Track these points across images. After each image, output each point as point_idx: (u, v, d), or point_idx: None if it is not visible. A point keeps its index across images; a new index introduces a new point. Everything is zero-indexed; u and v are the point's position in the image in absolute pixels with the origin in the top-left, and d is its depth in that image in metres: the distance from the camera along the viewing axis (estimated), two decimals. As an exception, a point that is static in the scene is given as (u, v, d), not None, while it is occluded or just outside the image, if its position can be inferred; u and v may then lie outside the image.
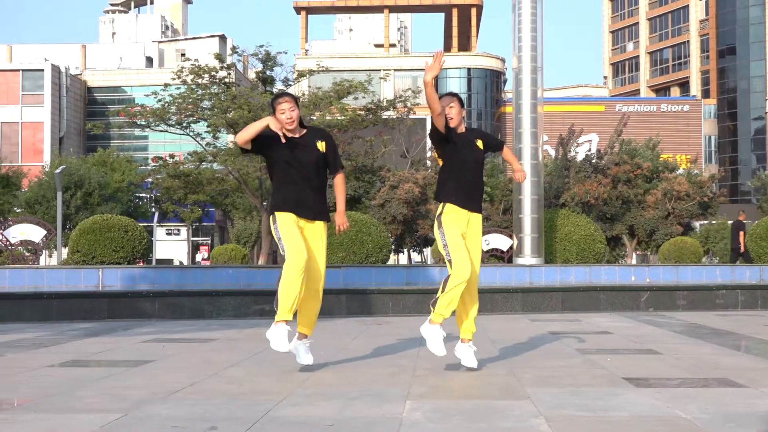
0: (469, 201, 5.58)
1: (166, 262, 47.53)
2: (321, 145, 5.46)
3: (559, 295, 11.28)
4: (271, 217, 5.44)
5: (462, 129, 5.67)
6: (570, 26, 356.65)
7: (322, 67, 24.52)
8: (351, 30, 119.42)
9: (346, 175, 25.63)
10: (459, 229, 5.51)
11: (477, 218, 5.64)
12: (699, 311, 11.17)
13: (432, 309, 5.45)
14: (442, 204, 5.58)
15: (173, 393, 4.57)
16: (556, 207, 22.32)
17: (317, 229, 5.48)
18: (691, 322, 9.47)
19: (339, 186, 5.65)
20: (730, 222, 29.76)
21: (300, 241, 5.29)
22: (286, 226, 5.33)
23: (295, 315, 5.45)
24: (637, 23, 74.10)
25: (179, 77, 23.33)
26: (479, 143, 5.68)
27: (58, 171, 26.71)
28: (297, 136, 5.44)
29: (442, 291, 5.40)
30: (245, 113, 21.43)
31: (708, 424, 3.71)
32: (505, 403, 4.28)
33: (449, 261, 5.42)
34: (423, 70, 42.18)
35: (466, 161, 5.58)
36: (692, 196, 25.76)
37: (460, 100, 5.67)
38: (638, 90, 73.04)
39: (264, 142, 5.39)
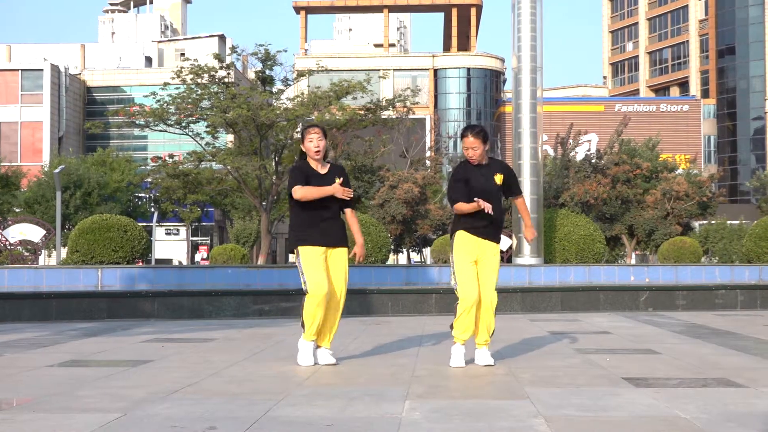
0: (483, 230, 5.69)
1: (166, 262, 47.36)
2: (338, 182, 5.76)
3: (559, 295, 11.28)
4: (295, 251, 5.76)
5: (485, 161, 5.75)
6: (569, 26, 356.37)
7: (322, 66, 24.47)
8: (350, 30, 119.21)
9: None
10: (470, 256, 5.67)
11: (491, 247, 5.74)
12: (698, 311, 11.16)
13: (452, 331, 5.73)
14: (455, 234, 5.77)
15: (172, 393, 4.57)
16: (556, 207, 22.31)
17: (340, 255, 5.81)
18: (691, 321, 9.47)
19: (353, 220, 5.92)
20: (730, 222, 29.71)
21: (321, 274, 5.64)
22: (309, 260, 5.67)
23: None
24: (637, 23, 73.98)
25: (179, 77, 23.27)
26: (498, 177, 5.75)
27: (57, 171, 26.61)
28: (322, 172, 5.78)
29: (456, 317, 5.70)
30: (244, 112, 21.36)
31: (707, 423, 3.71)
32: (504, 403, 4.28)
33: (455, 289, 5.67)
34: (423, 69, 41.90)
35: (476, 191, 5.64)
36: (691, 196, 25.73)
37: (485, 137, 5.70)
38: (638, 90, 72.92)
39: (304, 175, 5.75)
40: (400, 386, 4.79)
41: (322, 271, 5.64)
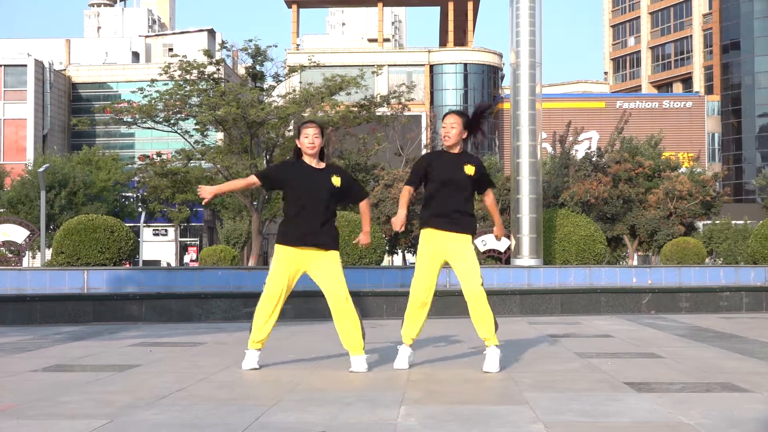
0: (449, 221, 5.60)
1: (154, 264, 46.96)
2: (336, 180, 5.67)
3: (558, 297, 11.22)
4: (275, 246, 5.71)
5: (456, 150, 5.70)
6: (569, 20, 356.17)
7: (314, 62, 24.29)
8: (344, 24, 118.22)
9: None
10: (433, 256, 5.61)
11: (461, 239, 5.61)
12: (702, 314, 11.17)
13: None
14: (422, 230, 5.74)
15: (160, 398, 4.52)
16: (555, 206, 22.17)
17: (328, 259, 5.63)
18: (694, 324, 9.43)
19: (365, 211, 5.88)
20: (734, 222, 29.57)
21: (281, 286, 5.57)
22: (277, 264, 5.60)
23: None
24: (639, 17, 73.85)
25: (166, 73, 23.04)
26: (469, 168, 5.65)
27: (41, 170, 26.29)
28: (315, 167, 5.70)
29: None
30: (234, 110, 21.18)
31: (712, 430, 3.67)
32: (502, 408, 4.23)
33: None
34: (418, 65, 41.66)
35: (445, 182, 5.62)
36: (695, 195, 25.61)
37: (467, 122, 5.70)
38: (640, 86, 72.82)
39: (285, 171, 5.75)
40: (395, 391, 4.73)
41: (283, 282, 5.56)
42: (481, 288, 5.53)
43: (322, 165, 5.74)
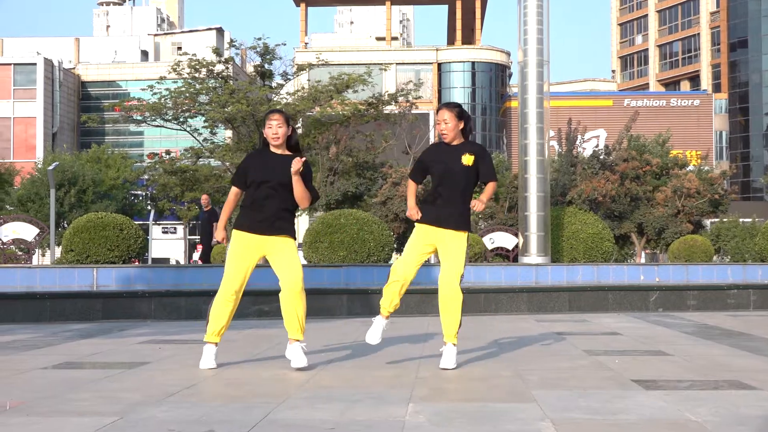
0: (441, 219, 5.52)
1: (163, 261, 47.12)
2: (295, 163, 5.48)
3: (566, 295, 11.19)
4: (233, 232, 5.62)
5: (457, 141, 5.59)
6: (577, 18, 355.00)
7: (322, 60, 24.32)
8: (352, 23, 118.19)
9: (347, 171, 25.33)
10: (421, 244, 5.58)
11: (451, 234, 5.52)
12: (710, 311, 11.09)
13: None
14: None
15: (169, 395, 4.53)
16: (563, 204, 22.15)
17: (283, 243, 5.58)
18: (702, 322, 9.40)
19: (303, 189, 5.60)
20: (742, 220, 29.47)
21: (239, 270, 5.53)
22: (234, 250, 5.55)
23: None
24: (646, 15, 73.65)
25: (175, 71, 23.11)
26: (466, 158, 5.50)
27: (51, 168, 26.32)
28: (279, 153, 5.59)
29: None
30: (243, 107, 21.23)
31: (719, 427, 3.66)
32: (510, 405, 4.22)
33: None
34: (426, 63, 41.75)
35: (439, 171, 5.54)
36: (703, 193, 25.55)
37: (460, 113, 5.56)
38: (647, 84, 72.64)
39: (247, 161, 5.66)
40: (403, 389, 4.73)
41: (241, 267, 5.53)
42: (456, 288, 5.51)
43: (287, 153, 5.60)
